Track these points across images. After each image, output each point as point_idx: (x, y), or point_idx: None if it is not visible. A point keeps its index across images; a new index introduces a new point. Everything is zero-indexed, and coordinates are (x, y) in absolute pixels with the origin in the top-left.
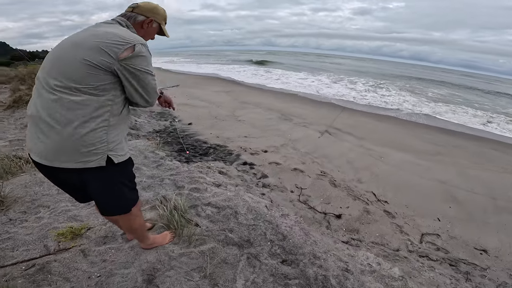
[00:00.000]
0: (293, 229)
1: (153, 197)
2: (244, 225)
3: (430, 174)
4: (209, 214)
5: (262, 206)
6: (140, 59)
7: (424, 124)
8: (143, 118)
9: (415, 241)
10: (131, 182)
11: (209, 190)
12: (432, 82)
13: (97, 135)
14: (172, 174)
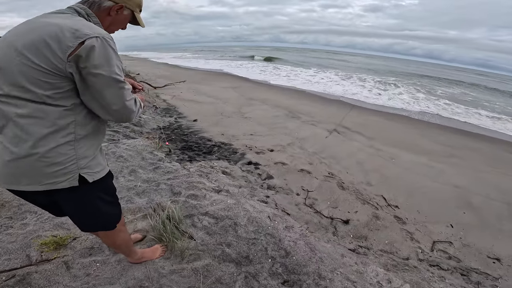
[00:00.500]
0: (298, 244)
1: (146, 204)
2: (243, 238)
3: (444, 178)
4: (205, 225)
5: (264, 217)
6: (94, 57)
7: (436, 124)
8: (148, 114)
9: (426, 249)
10: (112, 197)
11: (208, 197)
12: (444, 81)
13: (62, 152)
14: (169, 178)
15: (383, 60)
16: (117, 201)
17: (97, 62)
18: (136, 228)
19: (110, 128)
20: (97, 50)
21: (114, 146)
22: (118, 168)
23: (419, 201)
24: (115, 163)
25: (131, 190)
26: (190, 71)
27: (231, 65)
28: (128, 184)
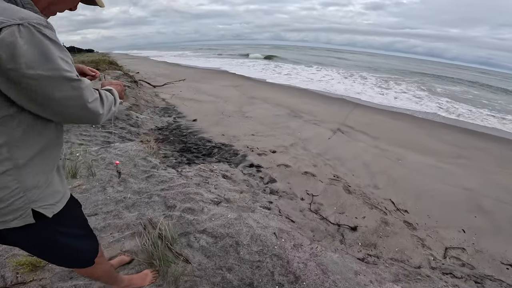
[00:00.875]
0: (308, 266)
1: (136, 220)
2: (246, 261)
3: (453, 180)
4: (203, 246)
5: (269, 234)
6: (21, 53)
7: (441, 122)
8: (145, 114)
9: (438, 256)
10: (81, 229)
11: (206, 211)
12: (446, 79)
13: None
14: (163, 188)
15: (384, 58)
16: (90, 233)
17: (29, 60)
18: (123, 249)
19: (104, 129)
20: (21, 42)
21: (104, 151)
22: (107, 177)
23: (428, 205)
24: (104, 171)
25: (120, 203)
26: (190, 70)
27: (232, 63)
28: (117, 196)
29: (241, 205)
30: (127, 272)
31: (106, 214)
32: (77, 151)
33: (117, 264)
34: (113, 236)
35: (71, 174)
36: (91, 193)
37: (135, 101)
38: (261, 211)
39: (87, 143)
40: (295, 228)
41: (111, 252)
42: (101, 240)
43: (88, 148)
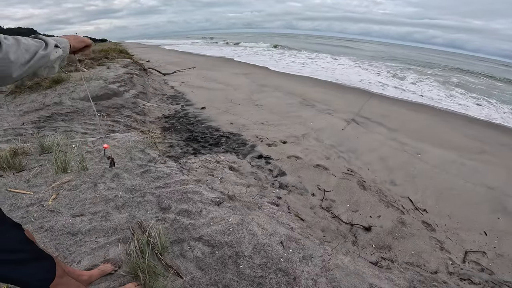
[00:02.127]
0: (318, 282)
1: (125, 222)
2: (246, 277)
3: (477, 178)
4: (198, 256)
5: (275, 243)
6: None
7: (464, 115)
8: (153, 102)
9: (457, 261)
10: (16, 253)
11: (205, 214)
12: (468, 72)
13: None
14: (158, 186)
15: (401, 48)
16: (34, 255)
17: None
18: (107, 256)
19: (110, 117)
20: None
21: (101, 143)
22: (100, 172)
23: (450, 204)
24: (98, 164)
25: (110, 203)
26: (201, 58)
27: (244, 52)
28: (108, 194)
29: (247, 200)
30: (108, 285)
31: (93, 215)
32: (74, 142)
33: (98, 274)
34: (97, 241)
35: (61, 168)
36: (80, 190)
37: (143, 89)
38: (268, 207)
39: (91, 132)
40: (305, 227)
41: (93, 260)
42: (84, 246)
43: (85, 139)
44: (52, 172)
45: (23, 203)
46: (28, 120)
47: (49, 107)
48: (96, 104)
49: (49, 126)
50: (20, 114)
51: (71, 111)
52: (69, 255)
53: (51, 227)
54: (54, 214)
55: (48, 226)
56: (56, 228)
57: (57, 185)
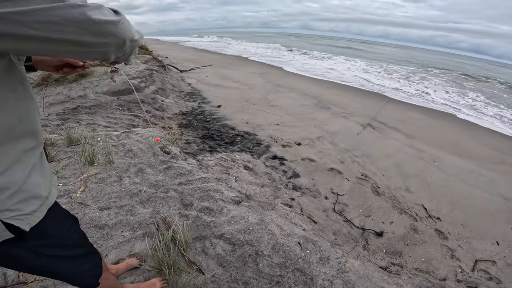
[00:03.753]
0: (334, 284)
1: (149, 217)
2: (265, 275)
3: (494, 188)
4: (219, 253)
5: (293, 244)
6: None
7: (484, 126)
8: (171, 98)
9: (466, 269)
10: (73, 249)
11: (225, 212)
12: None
13: None
14: (181, 183)
15: (424, 52)
16: (87, 252)
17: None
18: (133, 251)
19: (130, 112)
20: None
21: (125, 137)
22: (125, 166)
23: (464, 214)
24: (123, 158)
25: (135, 197)
26: (217, 56)
27: (259, 52)
28: (132, 189)
29: (261, 200)
30: (134, 279)
31: (119, 209)
32: (99, 135)
33: (124, 268)
34: (123, 235)
35: (88, 161)
36: (106, 183)
37: (162, 85)
38: (282, 208)
39: (113, 125)
40: (317, 229)
41: (119, 254)
42: (111, 240)
43: (110, 133)
44: (80, 164)
45: None
46: (54, 112)
47: (74, 100)
48: (118, 99)
49: (73, 119)
50: (46, 105)
51: (94, 105)
52: (97, 248)
53: (79, 219)
54: (82, 207)
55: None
56: (84, 220)
57: (85, 178)
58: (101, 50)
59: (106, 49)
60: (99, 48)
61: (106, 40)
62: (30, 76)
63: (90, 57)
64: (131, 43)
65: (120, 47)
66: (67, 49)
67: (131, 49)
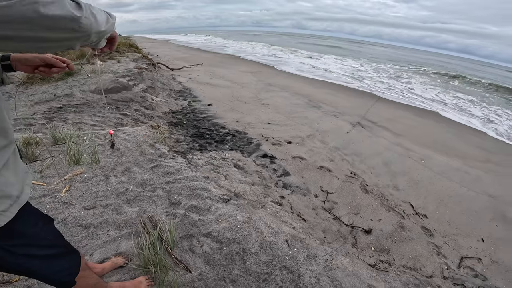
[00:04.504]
0: (321, 281)
1: (136, 216)
2: (253, 273)
3: (480, 186)
4: (206, 252)
5: (281, 241)
6: None
7: (467, 125)
8: (160, 97)
9: (452, 266)
10: (49, 248)
11: (213, 210)
12: (476, 80)
13: None
14: (168, 181)
15: (414, 52)
16: (65, 250)
17: None
18: (119, 250)
19: (118, 110)
20: None
21: (113, 136)
22: (111, 165)
23: (450, 211)
24: (109, 157)
25: (121, 196)
26: (209, 54)
27: (251, 50)
28: (119, 188)
29: (251, 199)
30: (120, 278)
31: (105, 208)
32: (85, 135)
33: (110, 267)
34: (109, 234)
35: (74, 160)
36: (92, 182)
37: (151, 83)
38: (272, 206)
39: (100, 124)
40: (306, 227)
41: (105, 253)
42: (96, 239)
43: (96, 132)
44: (65, 164)
45: (36, 194)
46: (39, 111)
47: (60, 98)
48: (106, 97)
49: (59, 117)
50: (31, 104)
51: (81, 103)
52: (82, 247)
53: (63, 219)
54: (66, 206)
55: (61, 218)
56: (69, 220)
57: (70, 177)
58: (64, 44)
59: (68, 43)
60: (61, 42)
61: (66, 35)
62: (15, 75)
63: (57, 50)
64: (97, 35)
65: (85, 40)
66: (32, 45)
67: (98, 38)
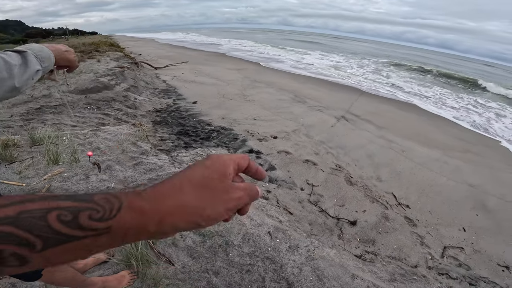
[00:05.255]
0: (303, 271)
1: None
2: (236, 264)
3: (459, 176)
4: (189, 245)
5: (263, 233)
6: None
7: (445, 118)
8: (144, 96)
9: (436, 255)
10: None
11: None
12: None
13: None
14: (150, 178)
15: (395, 47)
16: None
17: None
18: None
19: (99, 110)
20: None
21: (93, 135)
22: (91, 164)
23: (431, 201)
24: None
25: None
26: (194, 52)
27: (236, 47)
28: (99, 186)
29: None
30: (102, 273)
31: None
32: (64, 135)
33: (92, 263)
34: None
35: (52, 160)
36: (72, 181)
37: (134, 82)
38: (258, 201)
39: (81, 125)
40: (293, 221)
41: None
42: None
43: (76, 132)
44: (43, 164)
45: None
46: (17, 113)
47: (38, 99)
48: (86, 97)
49: (37, 119)
50: (8, 106)
51: (60, 104)
52: None
53: None
54: None
55: None
56: None
57: (49, 177)
58: None
59: None
60: None
61: None
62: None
63: None
64: (16, 90)
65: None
66: None
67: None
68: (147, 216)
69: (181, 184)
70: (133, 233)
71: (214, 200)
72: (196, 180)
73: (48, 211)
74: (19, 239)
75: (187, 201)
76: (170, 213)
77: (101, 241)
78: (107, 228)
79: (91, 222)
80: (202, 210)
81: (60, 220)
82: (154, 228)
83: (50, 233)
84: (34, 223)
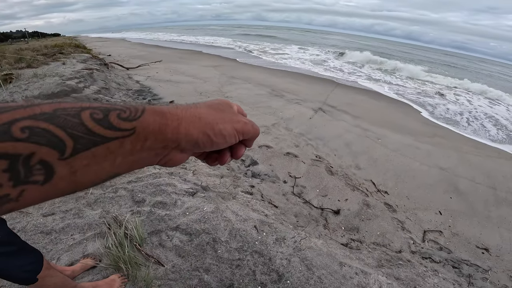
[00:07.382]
0: (292, 262)
1: (99, 218)
2: (225, 260)
3: (430, 160)
4: (177, 245)
5: (250, 228)
6: None
7: (409, 103)
8: (117, 97)
9: (417, 240)
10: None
11: (180, 204)
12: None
13: None
14: (130, 181)
15: (365, 39)
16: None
17: None
18: (86, 252)
19: None
20: None
21: None
22: None
23: (408, 186)
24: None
25: (81, 200)
26: (168, 51)
27: (211, 44)
28: (77, 192)
29: (222, 191)
30: (92, 278)
31: (65, 213)
32: None
33: (80, 269)
34: (73, 238)
35: None
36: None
37: (105, 84)
38: (242, 196)
39: None
40: (278, 214)
41: (72, 256)
42: (60, 243)
43: None
44: None
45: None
46: None
47: None
48: None
49: None
50: None
51: None
52: (47, 253)
53: (22, 227)
54: (23, 215)
55: (20, 227)
56: (28, 228)
57: None
58: None
59: None
60: None
61: None
62: None
63: None
64: None
65: None
66: None
67: None
68: (167, 119)
69: (197, 104)
70: (152, 140)
71: (225, 119)
72: (210, 103)
73: (82, 109)
74: (52, 138)
75: (202, 113)
76: (187, 120)
77: (125, 147)
78: (132, 129)
79: (119, 121)
80: (215, 123)
81: (93, 118)
82: (171, 135)
83: (82, 131)
84: (69, 120)
